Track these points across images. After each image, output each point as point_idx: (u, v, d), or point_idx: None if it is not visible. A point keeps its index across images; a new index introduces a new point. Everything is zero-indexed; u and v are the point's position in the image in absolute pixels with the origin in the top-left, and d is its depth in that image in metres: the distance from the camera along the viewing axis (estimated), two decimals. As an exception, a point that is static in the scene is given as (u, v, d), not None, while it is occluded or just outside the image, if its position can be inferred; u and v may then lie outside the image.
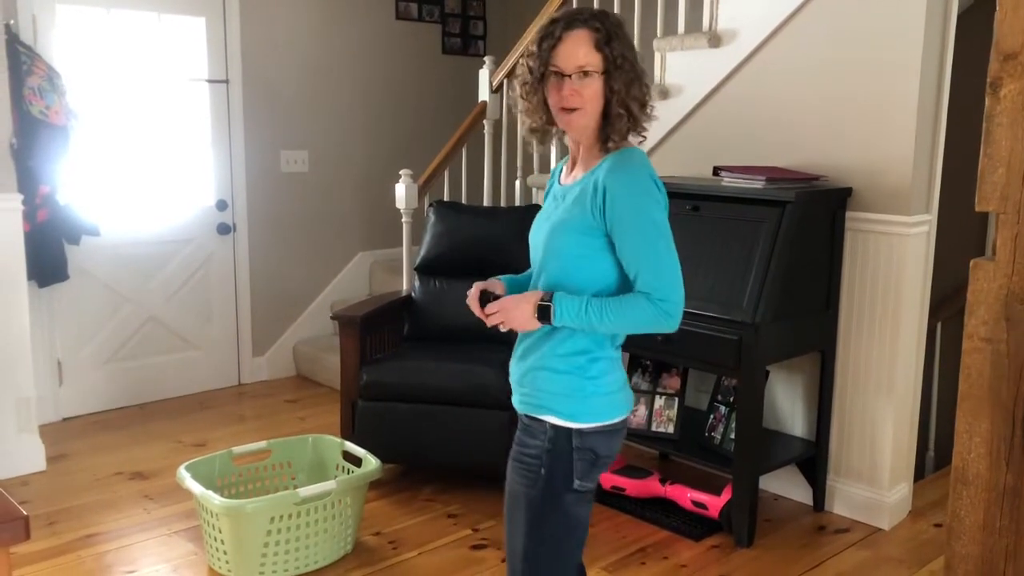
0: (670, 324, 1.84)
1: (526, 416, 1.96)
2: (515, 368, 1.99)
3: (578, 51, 1.82)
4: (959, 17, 3.26)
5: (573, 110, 1.84)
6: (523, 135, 2.05)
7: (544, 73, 1.85)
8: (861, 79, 3.22)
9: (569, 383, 1.89)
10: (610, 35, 1.83)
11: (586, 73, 1.82)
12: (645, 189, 1.83)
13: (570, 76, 1.82)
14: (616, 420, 1.93)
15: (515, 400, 2.00)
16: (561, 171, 2.03)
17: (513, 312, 1.89)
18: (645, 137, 1.93)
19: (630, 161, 1.86)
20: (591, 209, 1.84)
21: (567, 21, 1.85)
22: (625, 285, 1.87)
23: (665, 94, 3.84)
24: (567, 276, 1.89)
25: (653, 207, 1.83)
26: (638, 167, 1.85)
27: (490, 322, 1.94)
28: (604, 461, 1.95)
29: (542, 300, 1.87)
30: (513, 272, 2.23)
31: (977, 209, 1.23)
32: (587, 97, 1.83)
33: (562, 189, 1.97)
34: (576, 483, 1.90)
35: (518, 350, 1.99)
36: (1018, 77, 1.15)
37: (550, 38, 1.84)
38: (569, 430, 1.89)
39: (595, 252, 1.86)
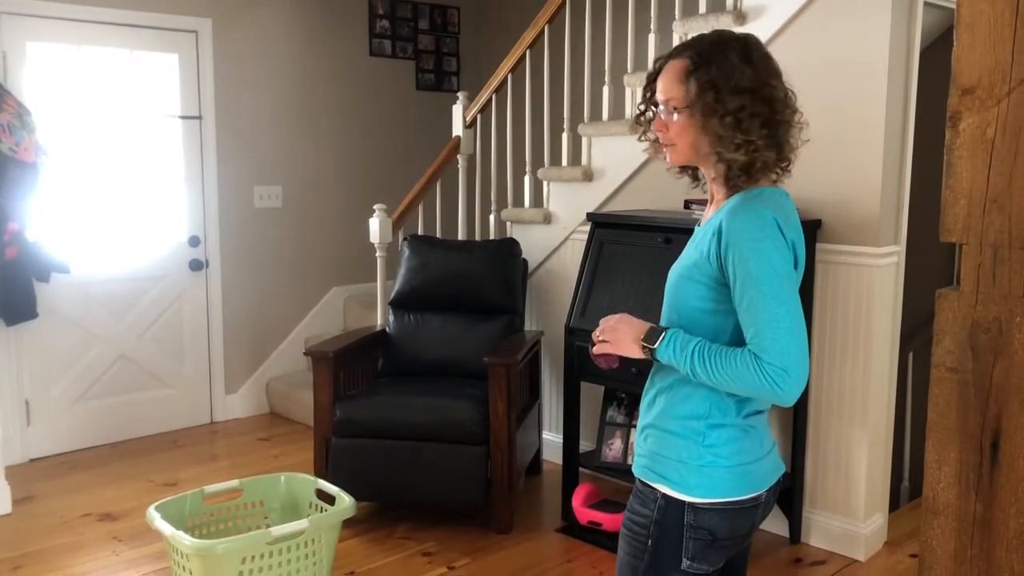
0: (779, 395, 1.58)
1: (639, 480, 1.76)
2: (639, 423, 1.81)
3: (667, 82, 1.68)
4: (923, 52, 3.33)
5: (668, 145, 1.72)
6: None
7: (654, 108, 1.74)
8: (828, 113, 3.27)
9: (684, 448, 1.68)
10: (700, 63, 1.64)
11: (670, 109, 1.68)
12: (767, 233, 1.60)
13: (660, 109, 1.71)
14: (741, 498, 1.68)
15: (634, 461, 1.81)
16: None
17: (622, 329, 1.72)
18: (780, 176, 1.72)
19: (754, 201, 1.64)
20: (707, 254, 1.65)
21: (672, 50, 1.72)
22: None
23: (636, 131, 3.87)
24: (686, 331, 1.70)
25: (774, 255, 1.60)
26: (760, 207, 1.63)
27: (598, 348, 1.75)
28: (725, 543, 1.70)
29: (655, 328, 1.70)
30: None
31: (941, 240, 1.25)
32: (674, 133, 1.68)
33: (698, 230, 1.77)
34: (685, 563, 1.68)
35: (642, 404, 1.82)
36: (976, 111, 1.18)
37: (654, 69, 1.74)
38: (682, 503, 1.67)
39: (716, 305, 1.66)
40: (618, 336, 1.73)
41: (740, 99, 1.62)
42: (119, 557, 3.37)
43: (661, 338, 1.67)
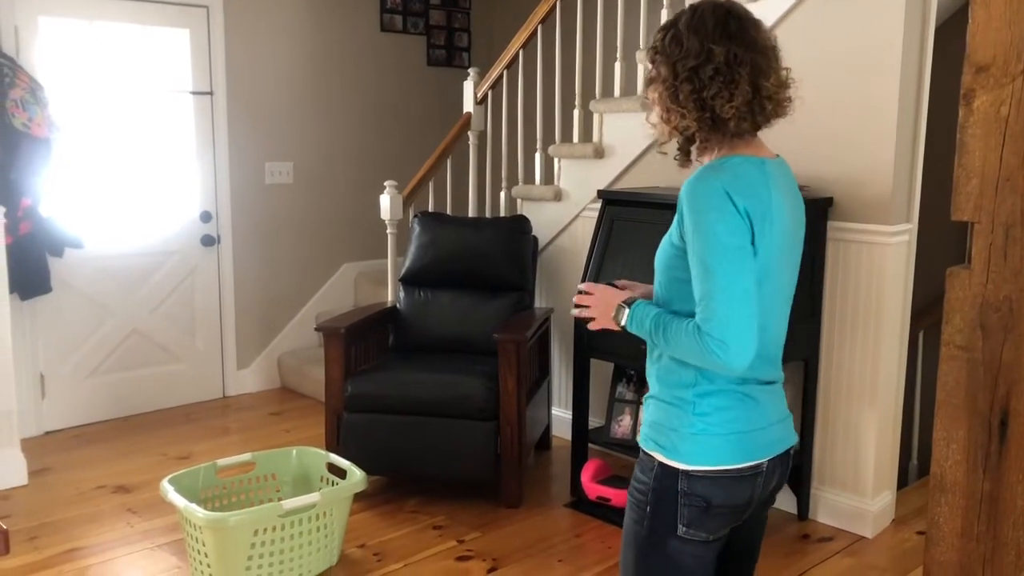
0: (720, 365, 1.61)
1: (641, 449, 1.80)
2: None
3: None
4: (937, 29, 3.30)
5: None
6: None
7: None
8: (841, 90, 3.25)
9: (676, 417, 1.71)
10: (659, 37, 1.72)
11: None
12: (712, 204, 1.61)
13: None
14: (737, 466, 1.69)
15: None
16: None
17: (599, 302, 1.80)
18: (734, 134, 1.71)
19: (708, 171, 1.68)
20: (676, 226, 1.71)
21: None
22: None
23: (647, 107, 3.86)
24: (668, 302, 1.74)
25: (717, 226, 1.60)
26: (711, 178, 1.65)
27: (576, 311, 1.83)
28: (722, 511, 1.71)
29: (625, 301, 1.76)
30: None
31: (952, 219, 1.25)
32: (654, 106, 1.77)
33: None
34: (681, 529, 1.70)
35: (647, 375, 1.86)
36: (990, 89, 1.17)
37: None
38: (676, 470, 1.69)
39: (688, 275, 1.67)
40: (597, 308, 1.81)
41: (674, 69, 1.68)
42: (133, 529, 3.42)
43: (626, 314, 1.74)
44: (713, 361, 1.61)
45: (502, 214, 4.58)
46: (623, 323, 1.75)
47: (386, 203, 4.42)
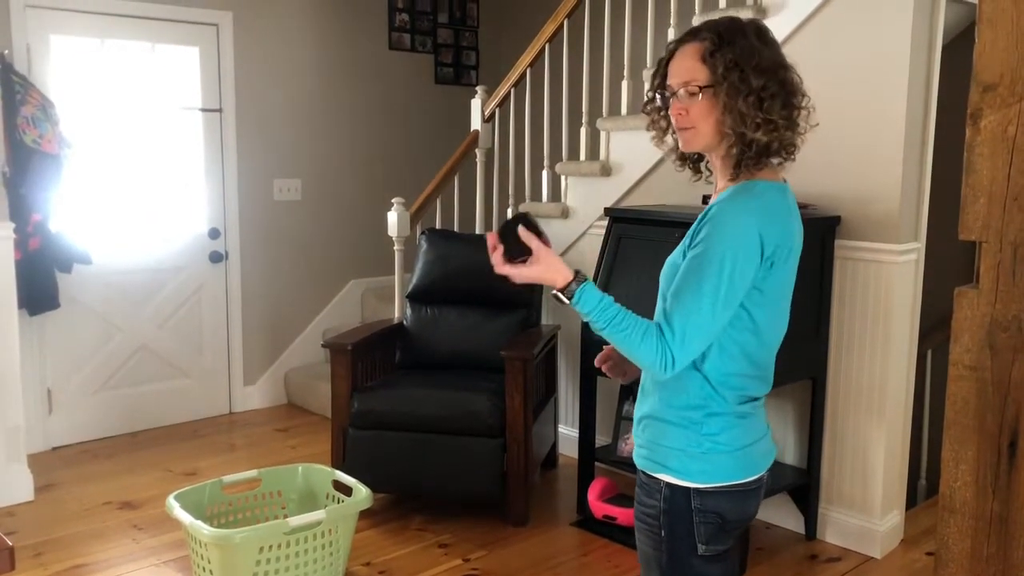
0: (655, 370, 1.62)
1: (643, 472, 1.78)
2: (635, 413, 1.83)
3: (684, 64, 1.66)
4: (944, 48, 3.30)
5: (686, 129, 1.69)
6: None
7: (665, 94, 1.71)
8: (849, 108, 3.25)
9: (683, 437, 1.69)
10: (721, 44, 1.62)
11: (692, 90, 1.64)
12: (741, 242, 1.59)
13: (677, 93, 1.67)
14: (744, 480, 1.71)
15: (634, 453, 1.83)
16: None
17: (544, 268, 1.63)
18: (785, 159, 1.70)
19: (741, 195, 1.64)
20: (687, 241, 1.66)
21: (684, 35, 1.70)
22: (747, 357, 1.69)
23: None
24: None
25: (734, 261, 1.58)
26: (749, 216, 1.61)
27: (505, 266, 1.64)
28: (734, 525, 1.74)
29: (573, 281, 1.61)
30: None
31: (960, 238, 1.25)
32: (695, 116, 1.65)
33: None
34: (701, 548, 1.71)
35: (638, 395, 1.82)
36: (997, 108, 1.17)
37: (666, 54, 1.72)
38: (687, 490, 1.69)
39: None
40: (541, 271, 1.64)
41: (762, 78, 1.62)
42: (139, 545, 3.41)
43: (580, 285, 1.61)
44: (653, 366, 1.61)
45: (509, 231, 4.57)
46: (573, 288, 1.60)
47: (393, 220, 4.43)
